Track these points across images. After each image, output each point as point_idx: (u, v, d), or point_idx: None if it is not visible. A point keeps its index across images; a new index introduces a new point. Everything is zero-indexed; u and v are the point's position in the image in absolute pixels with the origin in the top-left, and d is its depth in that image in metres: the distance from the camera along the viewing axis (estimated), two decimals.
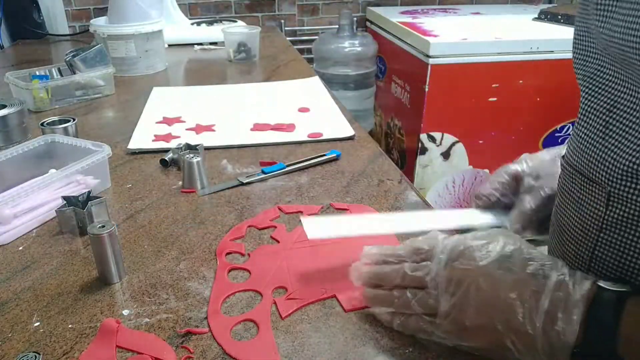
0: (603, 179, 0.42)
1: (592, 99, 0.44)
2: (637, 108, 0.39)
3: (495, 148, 1.72)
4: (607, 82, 0.42)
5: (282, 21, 2.14)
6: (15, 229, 0.60)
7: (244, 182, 0.72)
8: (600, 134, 0.42)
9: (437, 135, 1.72)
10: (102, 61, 1.11)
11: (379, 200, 0.68)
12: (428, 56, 1.62)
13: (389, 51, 2.02)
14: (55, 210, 0.60)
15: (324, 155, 0.79)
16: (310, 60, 2.11)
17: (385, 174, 0.75)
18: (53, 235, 0.61)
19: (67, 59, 1.09)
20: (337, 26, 2.08)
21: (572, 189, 0.46)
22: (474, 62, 1.64)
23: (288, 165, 0.75)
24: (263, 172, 0.74)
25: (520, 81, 1.66)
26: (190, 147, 0.77)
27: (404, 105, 1.88)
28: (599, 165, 0.42)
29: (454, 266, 0.42)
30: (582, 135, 0.45)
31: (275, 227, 0.62)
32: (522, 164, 0.58)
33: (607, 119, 0.42)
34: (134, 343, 0.44)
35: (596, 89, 0.43)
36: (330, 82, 2.02)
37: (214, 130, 0.91)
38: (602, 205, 0.42)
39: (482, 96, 1.68)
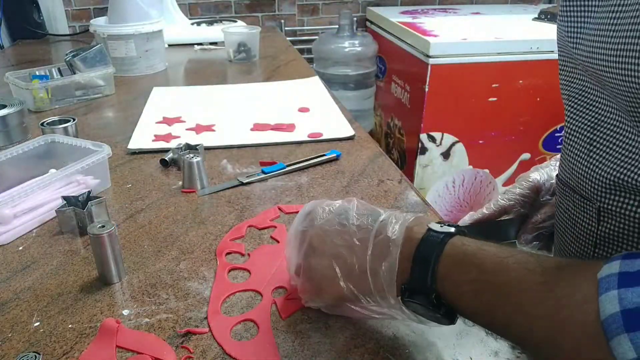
0: (592, 194, 0.43)
1: (577, 117, 0.46)
2: (619, 124, 0.40)
3: (495, 148, 1.72)
4: (590, 102, 0.44)
5: (282, 21, 2.14)
6: (15, 229, 0.60)
7: (244, 182, 0.72)
8: (586, 151, 0.44)
9: (437, 135, 1.72)
10: (102, 61, 1.11)
11: (379, 200, 0.67)
12: (428, 56, 1.62)
13: (389, 51, 2.02)
14: (55, 210, 0.60)
15: (324, 155, 0.79)
16: (310, 60, 2.11)
17: (385, 174, 0.75)
18: (53, 235, 0.61)
19: (67, 59, 1.09)
20: (337, 26, 2.08)
21: (567, 206, 0.48)
22: (474, 62, 1.64)
23: (288, 165, 0.75)
24: (263, 172, 0.74)
25: (520, 81, 1.66)
26: (190, 147, 0.77)
27: (404, 105, 1.88)
28: (587, 180, 0.43)
29: (297, 228, 0.46)
30: (569, 153, 0.47)
31: (275, 227, 0.62)
32: (544, 175, 0.59)
33: (592, 136, 0.43)
34: (134, 343, 0.44)
35: (580, 108, 0.45)
36: (330, 82, 2.02)
37: (214, 130, 0.91)
38: (594, 220, 0.43)
39: (482, 96, 1.68)
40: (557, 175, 0.51)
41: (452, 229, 0.40)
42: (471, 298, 0.37)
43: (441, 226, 0.40)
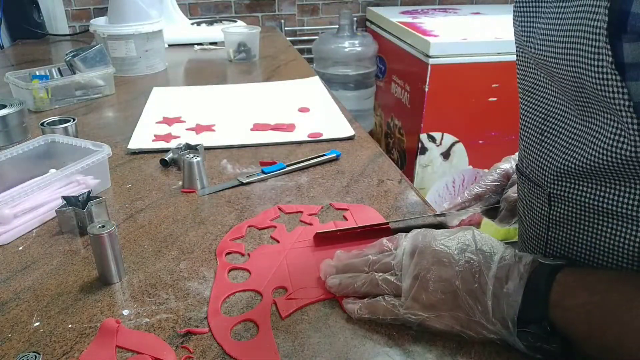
0: (543, 181, 0.46)
1: (529, 109, 0.48)
2: (567, 115, 0.43)
3: (495, 148, 1.72)
4: (541, 95, 0.46)
5: (282, 21, 2.14)
6: (15, 229, 0.60)
7: (244, 182, 0.72)
8: (538, 141, 0.47)
9: (437, 135, 1.72)
10: (102, 61, 1.11)
11: (379, 200, 0.68)
12: (428, 56, 1.62)
13: (389, 51, 2.02)
14: (55, 210, 0.60)
15: (324, 155, 0.79)
16: (310, 60, 2.11)
17: (385, 174, 0.75)
18: (53, 235, 0.61)
19: (67, 59, 1.09)
20: (337, 26, 2.08)
21: (524, 193, 0.51)
22: (474, 62, 1.64)
23: (288, 165, 0.76)
24: (263, 172, 0.74)
25: None
26: (190, 147, 0.77)
27: (404, 105, 1.88)
28: (539, 169, 0.46)
29: (415, 245, 0.46)
30: (524, 143, 0.49)
31: (275, 227, 0.62)
32: (512, 162, 0.64)
33: (543, 127, 0.46)
34: (134, 343, 0.44)
35: (533, 101, 0.48)
36: (330, 82, 2.02)
37: (214, 130, 0.91)
38: (546, 205, 0.46)
39: (482, 96, 1.68)
40: (516, 165, 0.54)
41: (562, 261, 0.42)
42: (582, 321, 0.38)
43: (552, 259, 0.42)
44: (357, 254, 0.51)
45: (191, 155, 0.71)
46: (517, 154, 0.64)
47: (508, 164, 0.64)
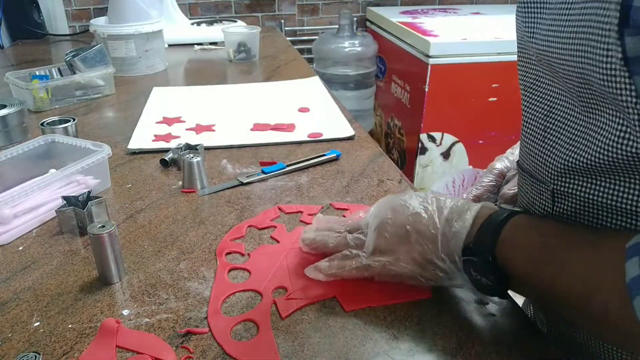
0: (546, 177, 0.46)
1: (532, 106, 0.49)
2: (570, 112, 0.43)
3: (495, 148, 1.71)
4: (544, 91, 0.47)
5: (282, 21, 2.14)
6: (15, 229, 0.60)
7: (244, 182, 0.72)
8: (541, 138, 0.47)
9: (437, 135, 1.72)
10: (102, 61, 1.11)
11: (379, 200, 0.67)
12: (428, 56, 1.62)
13: (389, 51, 2.02)
14: (55, 210, 0.60)
15: (324, 155, 0.79)
16: (310, 60, 2.11)
17: (385, 174, 0.75)
18: (53, 235, 0.61)
19: (67, 59, 1.09)
20: (337, 26, 2.08)
21: (526, 189, 0.51)
22: (474, 62, 1.64)
23: (288, 165, 0.76)
24: (263, 172, 0.74)
25: None
26: (190, 147, 0.77)
27: (404, 105, 1.88)
28: (542, 165, 0.47)
29: (379, 204, 0.50)
30: (526, 140, 0.50)
31: (275, 227, 0.62)
32: (505, 162, 0.66)
33: (546, 123, 0.47)
34: (134, 343, 0.44)
35: (535, 97, 0.48)
36: (330, 82, 2.02)
37: (214, 130, 0.91)
38: (549, 201, 0.47)
39: (482, 96, 1.68)
40: (517, 162, 0.54)
41: (521, 209, 0.45)
42: (524, 257, 0.41)
43: (512, 207, 0.46)
44: (336, 220, 0.55)
45: (191, 155, 0.71)
46: (509, 151, 0.68)
47: (502, 163, 0.66)
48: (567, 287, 0.38)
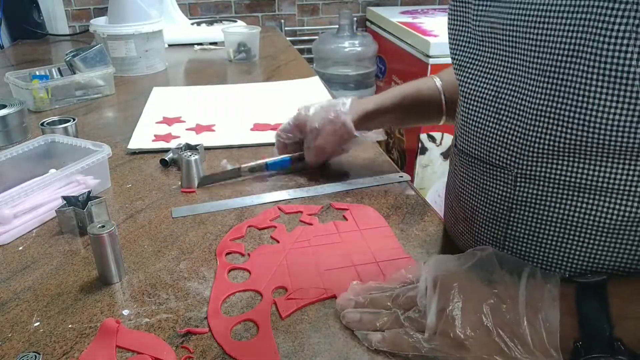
0: (508, 162, 0.44)
1: (472, 86, 0.46)
2: (525, 92, 0.40)
3: None
4: (485, 70, 0.44)
5: (282, 21, 2.14)
6: (15, 229, 0.60)
7: (243, 169, 0.73)
8: (494, 121, 0.44)
9: (437, 135, 1.72)
10: (102, 61, 1.11)
11: (379, 200, 0.67)
12: (428, 56, 1.62)
13: (389, 51, 2.02)
14: (55, 210, 0.60)
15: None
16: (310, 60, 2.11)
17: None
18: (53, 235, 0.61)
19: (67, 59, 1.09)
20: (337, 26, 2.08)
21: (474, 175, 0.48)
22: None
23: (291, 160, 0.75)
24: (266, 167, 0.74)
25: None
26: (190, 147, 0.77)
27: None
28: (502, 150, 0.44)
29: (437, 275, 0.42)
30: (475, 124, 0.47)
31: (275, 227, 0.62)
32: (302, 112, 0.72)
33: (497, 104, 0.44)
34: (134, 343, 0.44)
35: (476, 78, 0.45)
36: (330, 82, 2.02)
37: (214, 130, 0.91)
38: (510, 186, 0.44)
39: None
40: (455, 147, 0.51)
41: (603, 277, 0.39)
42: None
43: (586, 276, 0.41)
44: (377, 288, 0.47)
45: (189, 153, 0.71)
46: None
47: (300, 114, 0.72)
48: None
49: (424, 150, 1.73)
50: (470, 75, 0.46)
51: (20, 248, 0.59)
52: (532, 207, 0.43)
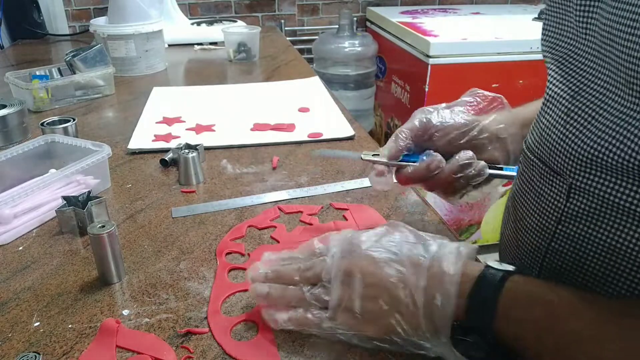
0: (564, 169, 0.41)
1: (558, 84, 0.43)
2: (609, 94, 0.38)
3: None
4: (575, 67, 0.41)
5: (282, 21, 2.14)
6: (15, 229, 0.60)
7: (363, 158, 0.58)
8: (562, 122, 0.42)
9: None
10: (102, 61, 1.11)
11: (379, 200, 0.67)
12: (428, 56, 1.62)
13: (389, 51, 2.02)
14: (55, 210, 0.60)
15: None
16: (310, 60, 2.11)
17: None
18: (53, 235, 0.61)
19: (67, 59, 1.09)
20: (337, 26, 2.08)
21: (533, 177, 0.46)
22: (474, 62, 1.64)
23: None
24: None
25: (520, 81, 1.66)
26: (190, 147, 0.77)
27: (404, 105, 1.88)
28: (560, 154, 0.41)
29: (344, 256, 0.43)
30: (545, 122, 0.44)
31: (275, 227, 0.62)
32: (426, 115, 0.56)
33: (570, 105, 0.41)
34: (134, 343, 0.44)
35: (564, 73, 0.43)
36: (330, 82, 2.02)
37: (214, 130, 0.91)
38: (563, 196, 0.42)
39: None
40: (525, 143, 0.49)
41: (512, 267, 0.40)
42: (533, 340, 0.36)
43: (500, 264, 0.40)
44: (288, 258, 0.48)
45: (187, 151, 0.71)
46: (433, 107, 0.58)
47: (421, 117, 0.56)
48: None
49: None
50: (560, 71, 0.43)
51: (20, 248, 0.59)
52: (581, 224, 0.41)
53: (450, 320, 0.38)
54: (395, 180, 0.56)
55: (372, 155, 0.57)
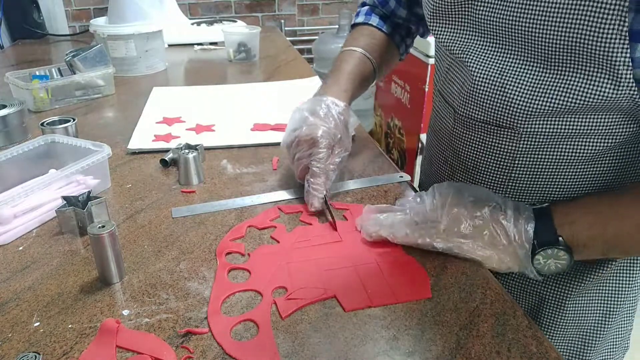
0: (512, 122, 0.57)
1: (477, 66, 0.58)
2: (525, 69, 0.54)
3: None
4: (490, 56, 0.58)
5: (282, 21, 2.14)
6: (15, 229, 0.60)
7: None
8: (500, 92, 0.56)
9: None
10: (102, 61, 1.11)
11: (379, 200, 0.67)
12: (428, 56, 1.62)
13: None
14: (55, 210, 0.60)
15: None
16: (310, 60, 2.11)
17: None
18: (53, 235, 0.61)
19: (67, 59, 1.09)
20: (337, 26, 2.08)
21: (479, 135, 0.62)
22: None
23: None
24: None
25: None
26: (190, 147, 0.77)
27: (404, 105, 1.88)
28: (507, 114, 0.57)
29: (444, 192, 0.56)
30: (480, 94, 0.59)
31: (275, 227, 0.62)
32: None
33: (501, 80, 0.56)
34: (134, 343, 0.44)
35: (483, 62, 0.58)
36: None
37: (214, 130, 0.91)
38: (515, 141, 0.58)
39: None
40: (456, 113, 0.63)
41: (546, 204, 0.55)
42: (585, 225, 0.52)
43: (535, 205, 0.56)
44: (387, 208, 0.59)
45: (187, 151, 0.71)
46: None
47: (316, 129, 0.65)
48: (630, 235, 0.51)
49: (423, 150, 1.73)
50: (474, 59, 0.59)
51: (20, 248, 0.59)
52: (534, 155, 0.58)
53: (532, 232, 0.52)
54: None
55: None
